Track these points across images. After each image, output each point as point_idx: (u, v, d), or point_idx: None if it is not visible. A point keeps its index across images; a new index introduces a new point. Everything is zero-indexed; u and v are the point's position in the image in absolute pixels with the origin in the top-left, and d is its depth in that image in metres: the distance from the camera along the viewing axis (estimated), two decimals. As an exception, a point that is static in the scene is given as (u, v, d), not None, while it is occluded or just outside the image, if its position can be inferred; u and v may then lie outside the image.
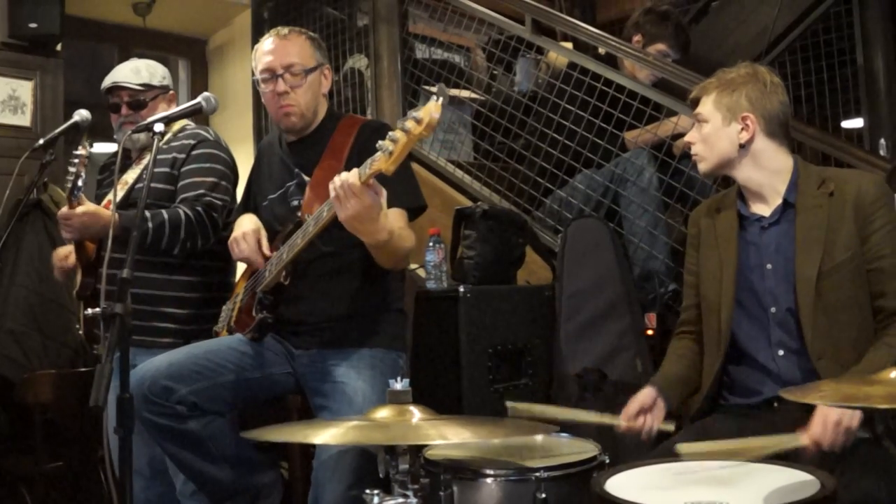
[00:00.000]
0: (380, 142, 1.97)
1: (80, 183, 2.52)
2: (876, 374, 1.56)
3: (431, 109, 1.88)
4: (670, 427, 2.10)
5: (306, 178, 2.49)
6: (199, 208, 2.69)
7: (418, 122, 1.89)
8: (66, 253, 2.95)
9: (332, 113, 2.60)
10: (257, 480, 2.47)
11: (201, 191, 2.73)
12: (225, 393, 2.39)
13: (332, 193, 2.08)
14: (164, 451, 2.42)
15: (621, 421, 2.11)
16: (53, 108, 4.22)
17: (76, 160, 2.53)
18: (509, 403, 2.12)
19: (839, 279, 2.02)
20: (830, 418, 1.80)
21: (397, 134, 1.92)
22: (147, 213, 2.62)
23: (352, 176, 2.05)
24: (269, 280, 2.39)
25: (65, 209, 2.58)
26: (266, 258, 2.45)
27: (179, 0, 4.93)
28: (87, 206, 2.58)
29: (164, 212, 2.65)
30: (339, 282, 2.44)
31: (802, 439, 1.81)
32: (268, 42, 2.51)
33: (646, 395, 2.14)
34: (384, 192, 2.13)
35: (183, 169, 2.79)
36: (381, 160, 1.97)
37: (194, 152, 2.81)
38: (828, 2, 3.97)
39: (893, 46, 4.17)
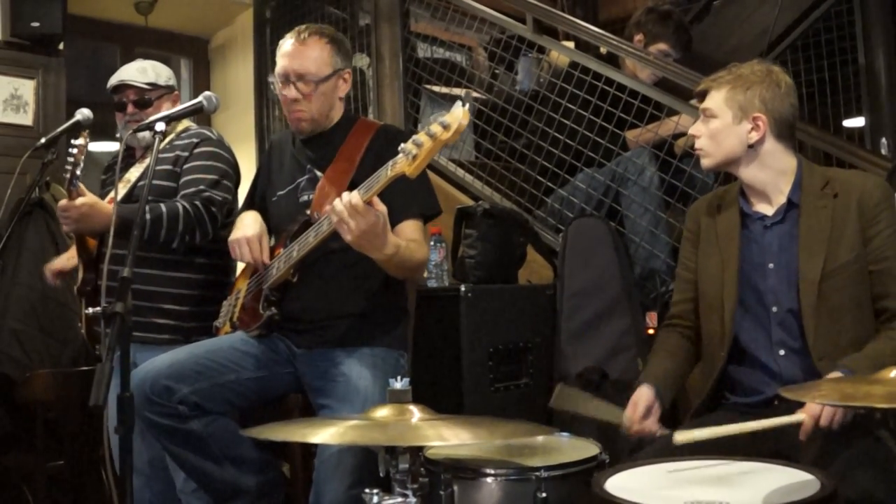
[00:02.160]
0: (402, 145, 1.97)
1: (78, 172, 2.53)
2: (876, 374, 1.56)
3: (460, 116, 1.89)
4: (666, 432, 2.10)
5: (318, 174, 2.50)
6: (198, 202, 2.70)
7: (445, 127, 1.90)
8: (57, 267, 2.97)
9: (347, 115, 2.62)
10: (259, 479, 2.47)
11: (201, 186, 2.74)
12: (226, 392, 2.39)
13: (334, 218, 2.09)
14: (166, 451, 2.42)
15: (630, 424, 2.11)
16: (55, 107, 4.22)
17: (74, 150, 2.54)
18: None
19: (842, 280, 2.02)
20: (827, 409, 1.81)
21: (422, 138, 1.93)
22: (145, 207, 2.62)
23: (354, 197, 2.06)
24: (277, 277, 2.40)
25: (64, 201, 2.59)
26: (266, 264, 2.46)
27: (181, -1, 4.94)
28: (86, 198, 2.59)
29: (162, 205, 2.65)
30: (344, 279, 2.45)
31: (800, 415, 1.83)
32: (287, 43, 2.50)
33: (648, 397, 2.13)
34: (385, 210, 2.13)
35: (185, 166, 2.80)
36: (403, 164, 1.97)
37: (197, 150, 2.82)
38: (829, 1, 3.97)
39: (895, 45, 4.16)
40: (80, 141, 2.54)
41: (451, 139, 1.91)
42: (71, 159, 2.54)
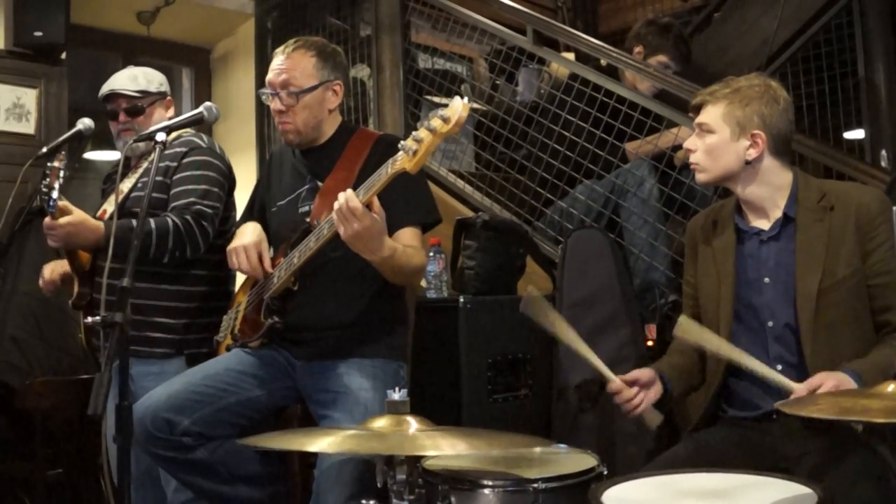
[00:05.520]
0: (402, 142, 1.99)
1: (54, 195, 2.48)
2: (874, 388, 1.56)
3: (459, 108, 1.91)
4: (657, 420, 2.10)
5: (319, 184, 2.51)
6: (188, 217, 2.66)
7: (445, 120, 1.92)
8: (50, 270, 2.97)
9: (345, 126, 2.63)
10: (270, 491, 2.49)
11: (191, 199, 2.70)
12: (228, 416, 2.39)
13: (335, 216, 2.11)
14: (177, 480, 2.43)
15: (615, 379, 2.10)
16: (58, 116, 4.23)
17: (48, 172, 2.49)
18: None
19: (840, 295, 2.01)
20: (829, 382, 1.83)
21: (422, 133, 1.94)
22: (132, 223, 2.61)
23: (351, 199, 2.08)
24: (278, 286, 2.40)
25: (48, 219, 2.55)
26: (266, 273, 2.46)
27: (183, 9, 4.95)
28: (71, 217, 2.55)
29: (151, 220, 2.61)
30: (344, 288, 2.45)
31: (797, 387, 1.85)
32: (277, 57, 2.54)
33: (646, 373, 2.13)
34: (383, 213, 2.14)
35: (175, 177, 2.76)
36: (404, 160, 1.99)
37: (185, 160, 2.78)
38: (829, 13, 3.98)
39: (894, 58, 4.17)
40: (55, 164, 2.49)
41: (450, 131, 1.93)
42: (46, 181, 2.49)
